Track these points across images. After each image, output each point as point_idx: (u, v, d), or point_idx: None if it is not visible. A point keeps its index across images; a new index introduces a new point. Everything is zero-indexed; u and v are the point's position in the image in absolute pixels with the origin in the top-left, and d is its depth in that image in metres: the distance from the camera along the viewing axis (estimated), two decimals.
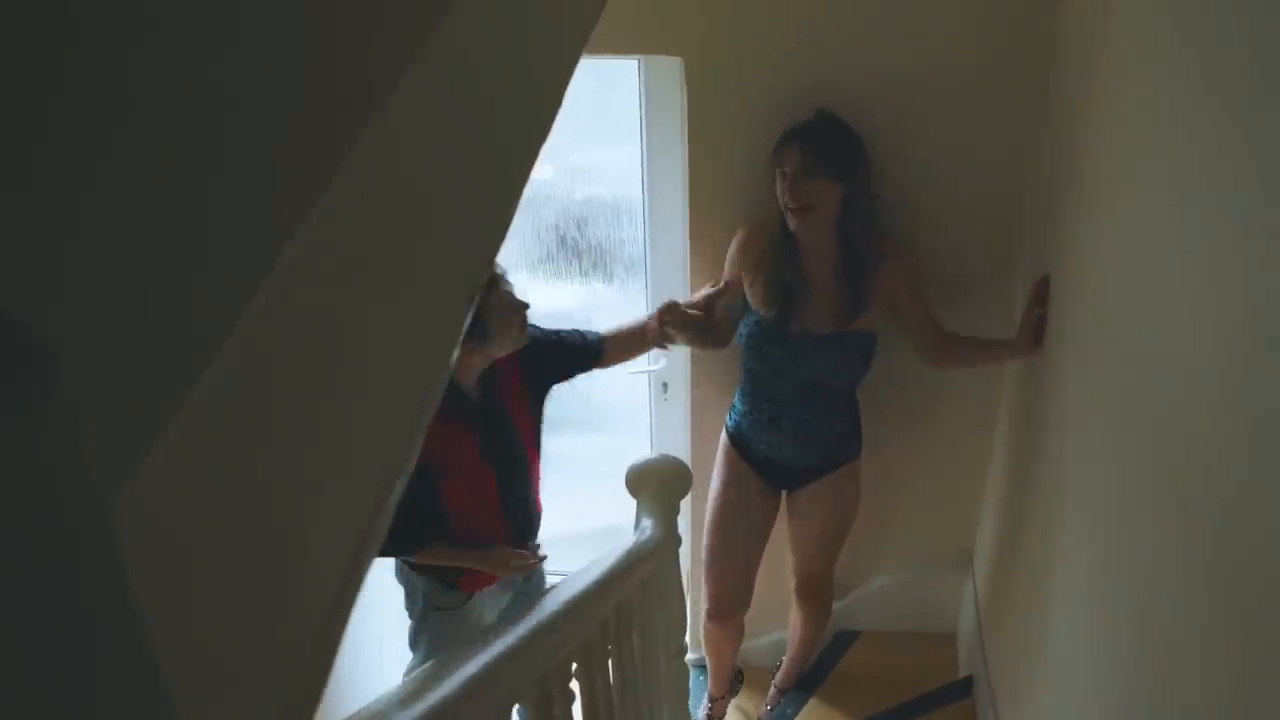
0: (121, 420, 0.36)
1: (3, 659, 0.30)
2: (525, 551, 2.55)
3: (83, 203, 0.36)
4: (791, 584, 3.19)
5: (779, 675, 3.38)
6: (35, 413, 0.31)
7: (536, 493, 2.63)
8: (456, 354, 0.83)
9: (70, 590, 0.32)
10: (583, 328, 2.71)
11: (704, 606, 3.06)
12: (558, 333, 2.64)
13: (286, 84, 0.49)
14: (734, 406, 2.90)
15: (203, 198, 0.43)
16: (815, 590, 3.15)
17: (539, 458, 2.62)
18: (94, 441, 0.34)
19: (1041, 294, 2.46)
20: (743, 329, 2.75)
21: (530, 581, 2.72)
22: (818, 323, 2.65)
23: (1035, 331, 2.49)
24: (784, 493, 2.98)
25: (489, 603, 2.64)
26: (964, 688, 3.19)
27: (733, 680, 3.36)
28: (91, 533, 0.33)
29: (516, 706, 1.63)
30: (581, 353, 2.65)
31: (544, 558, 2.61)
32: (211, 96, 0.44)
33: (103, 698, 0.33)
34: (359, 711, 1.22)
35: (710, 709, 3.34)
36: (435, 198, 0.74)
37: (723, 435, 2.95)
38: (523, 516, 2.59)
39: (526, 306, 2.35)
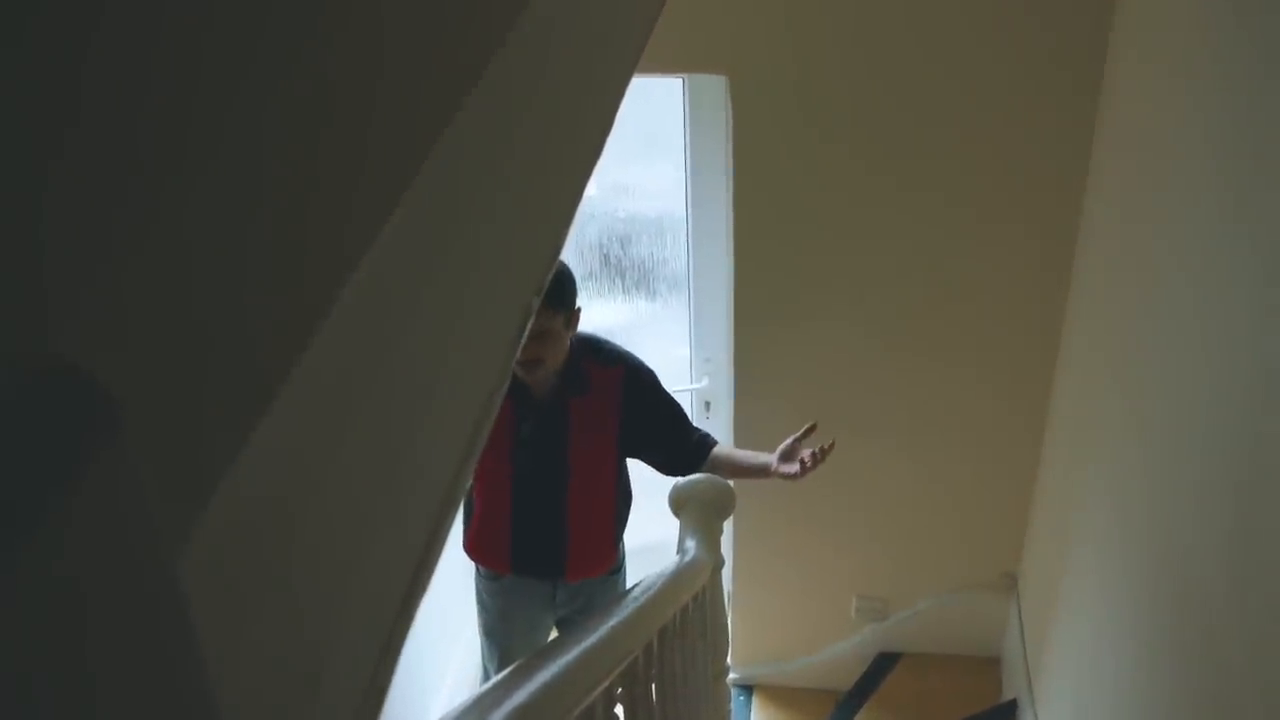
0: (184, 471, 0.35)
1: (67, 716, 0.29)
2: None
3: (140, 243, 0.35)
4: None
5: None
6: (101, 465, 0.30)
7: (578, 523, 2.41)
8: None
9: (139, 652, 0.31)
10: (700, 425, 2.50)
11: None
12: (671, 401, 2.43)
13: (351, 110, 0.49)
14: None
15: (261, 240, 0.42)
16: None
17: (604, 492, 2.44)
18: (158, 493, 0.33)
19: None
20: None
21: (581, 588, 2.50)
22: None
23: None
24: None
25: (518, 596, 2.50)
26: (1007, 712, 3.14)
27: None
28: (158, 589, 0.32)
29: None
30: (677, 447, 2.44)
31: None
32: (268, 130, 0.43)
33: None
34: None
35: None
36: (491, 222, 0.73)
37: None
38: (540, 535, 2.39)
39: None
